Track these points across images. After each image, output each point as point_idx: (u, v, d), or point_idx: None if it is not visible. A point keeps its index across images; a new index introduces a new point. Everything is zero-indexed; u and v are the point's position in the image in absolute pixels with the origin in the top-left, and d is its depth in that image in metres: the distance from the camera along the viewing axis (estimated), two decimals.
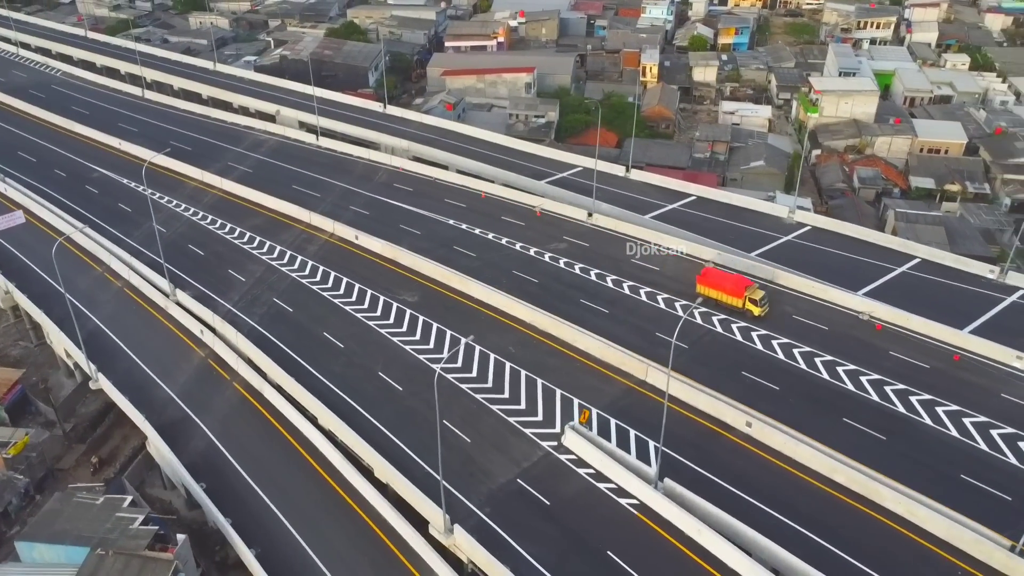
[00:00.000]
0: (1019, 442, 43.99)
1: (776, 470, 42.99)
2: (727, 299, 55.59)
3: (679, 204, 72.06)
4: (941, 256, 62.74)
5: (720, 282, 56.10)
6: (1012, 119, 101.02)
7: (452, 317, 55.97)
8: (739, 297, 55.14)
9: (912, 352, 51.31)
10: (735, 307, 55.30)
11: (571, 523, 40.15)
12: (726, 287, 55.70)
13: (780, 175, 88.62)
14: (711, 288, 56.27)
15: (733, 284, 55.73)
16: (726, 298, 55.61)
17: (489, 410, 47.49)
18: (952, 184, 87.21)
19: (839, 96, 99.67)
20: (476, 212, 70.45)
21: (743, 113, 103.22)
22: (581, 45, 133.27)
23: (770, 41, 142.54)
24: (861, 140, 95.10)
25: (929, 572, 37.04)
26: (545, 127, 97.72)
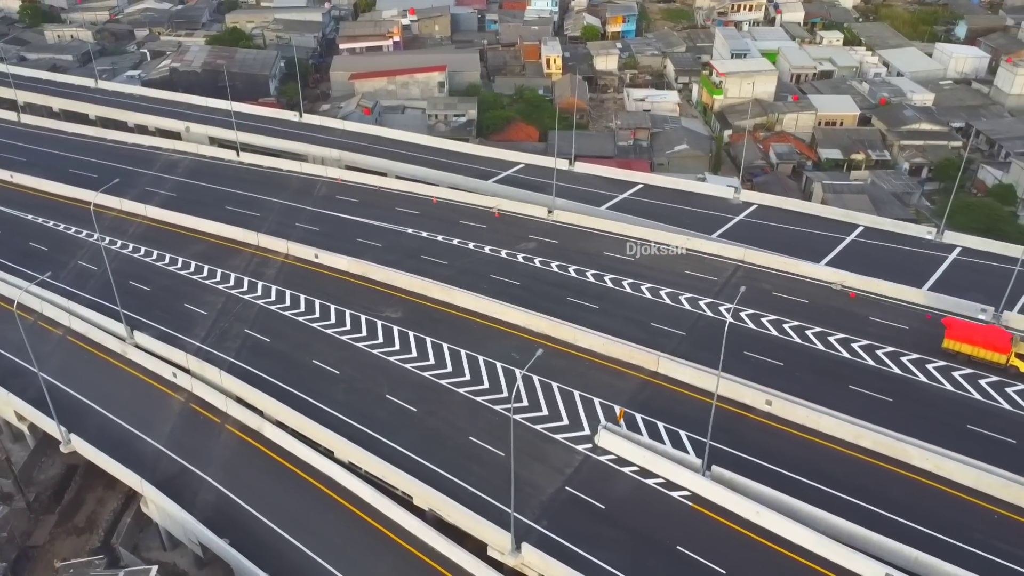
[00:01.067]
0: (1006, 388, 47.79)
1: (805, 443, 44.59)
2: (987, 355, 48.81)
3: (628, 193, 73.13)
4: (882, 222, 67.17)
5: (975, 336, 49.46)
6: (891, 90, 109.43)
7: (444, 329, 54.29)
8: (1005, 352, 48.60)
9: (888, 315, 54.62)
10: (996, 364, 48.52)
11: (632, 523, 40.00)
12: (986, 342, 48.99)
13: (704, 157, 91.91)
14: (964, 343, 49.44)
15: (995, 338, 49.23)
16: (986, 354, 48.83)
17: (515, 421, 46.41)
18: (857, 153, 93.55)
19: (741, 77, 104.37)
20: (432, 218, 68.61)
21: (653, 99, 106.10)
22: (476, 40, 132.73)
23: (651, 28, 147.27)
24: (769, 118, 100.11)
25: (968, 519, 39.51)
26: (466, 126, 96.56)
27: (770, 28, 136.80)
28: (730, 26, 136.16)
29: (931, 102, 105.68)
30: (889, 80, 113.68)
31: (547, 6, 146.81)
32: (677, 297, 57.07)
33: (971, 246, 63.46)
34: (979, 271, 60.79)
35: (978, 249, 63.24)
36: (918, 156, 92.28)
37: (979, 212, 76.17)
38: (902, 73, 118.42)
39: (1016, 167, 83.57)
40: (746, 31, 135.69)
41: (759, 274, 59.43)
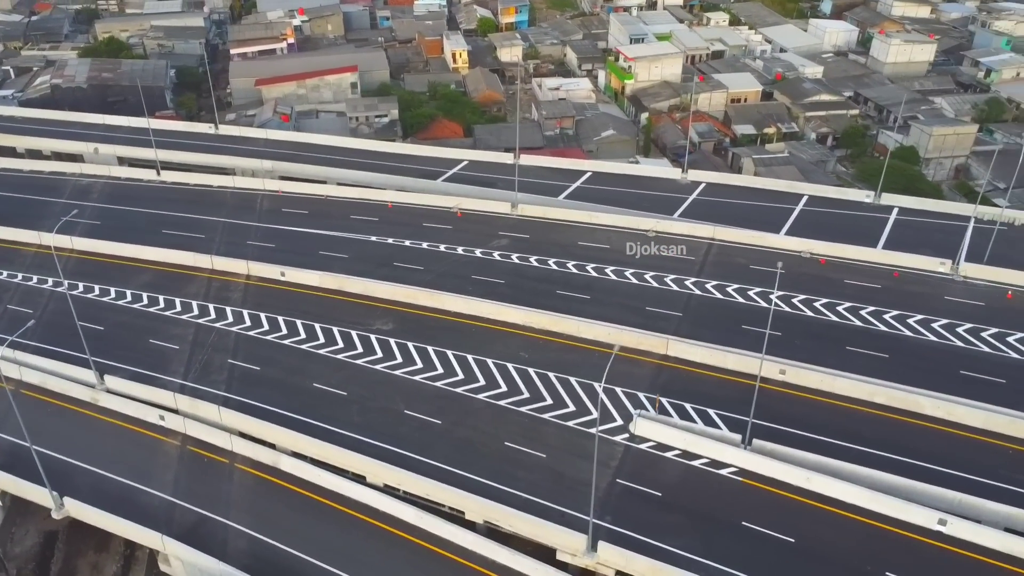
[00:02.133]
0: (982, 333, 51.68)
1: (824, 406, 46.44)
2: None
3: (580, 182, 73.45)
4: (824, 190, 70.99)
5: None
6: (783, 65, 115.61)
7: (442, 336, 52.62)
8: None
9: (860, 277, 57.75)
10: None
11: (691, 507, 40.37)
12: None
13: (632, 140, 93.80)
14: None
15: None
16: None
17: (544, 420, 45.74)
18: (768, 127, 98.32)
19: (649, 61, 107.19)
20: (393, 223, 66.25)
21: (567, 87, 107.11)
22: (372, 39, 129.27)
23: (539, 17, 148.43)
24: (682, 98, 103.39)
25: (989, 458, 42.42)
26: (390, 126, 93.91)
27: (657, 12, 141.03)
28: (620, 11, 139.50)
29: (821, 74, 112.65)
30: (778, 56, 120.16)
31: (435, 0, 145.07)
32: (663, 279, 57.97)
33: (906, 206, 68.20)
34: (919, 228, 65.38)
35: (913, 208, 67.96)
36: (823, 126, 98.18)
37: (895, 174, 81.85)
38: (785, 49, 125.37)
39: (915, 130, 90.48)
40: (634, 16, 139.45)
41: (732, 250, 61.33)
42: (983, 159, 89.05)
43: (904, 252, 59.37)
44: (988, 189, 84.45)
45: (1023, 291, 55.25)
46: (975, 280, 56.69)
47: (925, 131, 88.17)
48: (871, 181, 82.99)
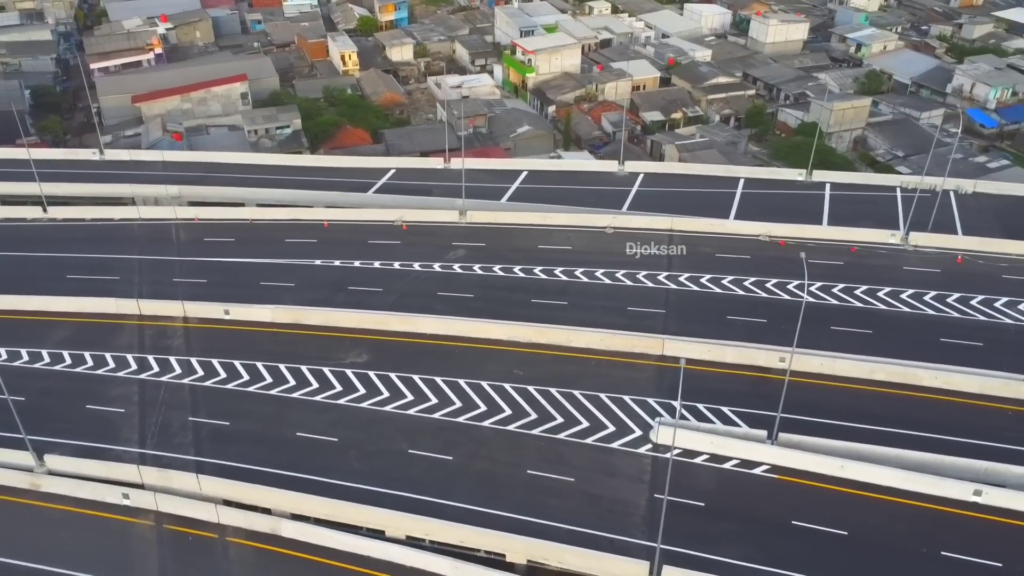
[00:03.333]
0: (947, 299, 53.64)
1: (828, 390, 46.41)
2: None
3: (519, 182, 70.89)
4: (758, 172, 72.17)
5: None
6: (673, 50, 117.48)
7: (425, 363, 48.67)
8: None
9: (821, 255, 58.41)
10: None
11: (738, 513, 39.03)
12: None
13: (548, 135, 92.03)
14: None
15: None
16: None
17: (561, 440, 43.02)
18: (675, 113, 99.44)
19: (549, 53, 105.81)
20: (335, 244, 61.09)
21: (469, 84, 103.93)
22: (247, 44, 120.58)
23: (417, 13, 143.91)
24: (587, 89, 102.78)
25: (993, 422, 43.70)
26: (294, 137, 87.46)
27: (538, 3, 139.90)
28: (502, 4, 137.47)
29: (710, 58, 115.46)
30: (666, 42, 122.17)
31: (305, 0, 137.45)
32: (636, 277, 56.50)
33: (837, 181, 70.45)
34: (853, 201, 67.60)
35: (843, 183, 70.38)
36: (725, 108, 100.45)
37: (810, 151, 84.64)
38: (668, 34, 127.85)
39: (815, 106, 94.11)
40: (516, 7, 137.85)
41: (694, 239, 60.78)
42: (877, 130, 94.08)
43: (851, 227, 61.02)
44: (889, 158, 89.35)
45: (970, 255, 58.04)
46: (925, 248, 58.98)
47: (826, 107, 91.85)
48: (786, 159, 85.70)
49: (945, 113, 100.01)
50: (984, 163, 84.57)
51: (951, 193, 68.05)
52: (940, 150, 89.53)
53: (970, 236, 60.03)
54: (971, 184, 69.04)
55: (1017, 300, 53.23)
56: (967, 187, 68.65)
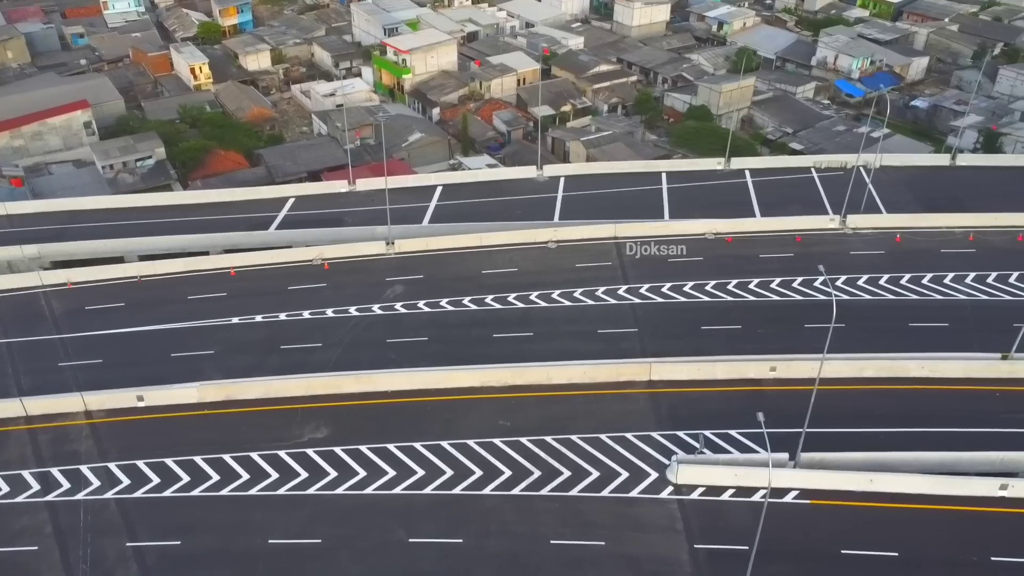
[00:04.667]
0: (900, 281, 53.77)
1: (822, 395, 44.00)
2: None
3: (436, 200, 65.18)
4: (678, 164, 70.43)
5: None
6: (545, 40, 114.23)
7: (397, 427, 42.55)
8: None
9: (771, 248, 57.42)
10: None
11: (785, 550, 36.12)
12: None
13: (443, 141, 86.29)
14: None
15: None
16: None
17: (576, 498, 38.54)
18: (564, 106, 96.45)
19: (425, 51, 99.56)
20: (251, 294, 53.14)
21: (344, 91, 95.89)
22: (72, 62, 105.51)
23: (259, 15, 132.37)
24: (472, 87, 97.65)
25: (985, 404, 43.55)
26: (159, 169, 76.66)
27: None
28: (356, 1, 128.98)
29: (582, 45, 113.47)
30: (536, 32, 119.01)
31: (130, 7, 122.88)
32: (595, 294, 52.81)
33: (754, 167, 69.99)
34: (775, 186, 67.32)
35: (760, 168, 70.00)
36: (613, 97, 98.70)
37: (711, 135, 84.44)
38: (533, 23, 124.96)
39: (703, 89, 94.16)
40: (371, 2, 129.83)
41: (640, 246, 57.85)
42: (762, 108, 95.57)
43: (785, 216, 60.39)
44: (779, 136, 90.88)
45: (907, 232, 58.83)
46: (864, 230, 59.25)
47: (714, 89, 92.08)
48: (688, 146, 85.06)
49: (816, 86, 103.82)
50: (869, 133, 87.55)
51: (861, 169, 69.41)
52: (823, 123, 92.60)
53: (898, 213, 60.98)
54: (875, 159, 70.60)
55: (962, 274, 54.29)
56: (872, 162, 70.16)
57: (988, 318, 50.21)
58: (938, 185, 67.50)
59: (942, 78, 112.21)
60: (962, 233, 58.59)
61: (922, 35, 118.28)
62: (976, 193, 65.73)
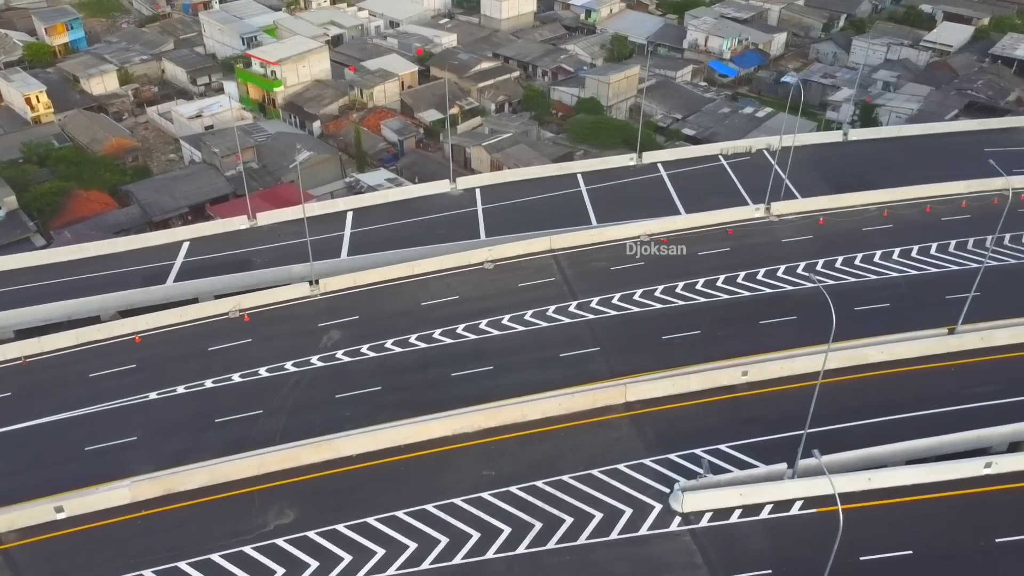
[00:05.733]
0: (835, 264, 54.46)
1: (793, 394, 43.62)
2: None
3: (350, 228, 60.33)
4: (592, 164, 68.74)
5: None
6: (418, 39, 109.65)
7: (372, 496, 38.31)
8: None
9: (707, 244, 56.80)
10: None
11: (805, 566, 35.06)
12: None
13: (333, 158, 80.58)
14: None
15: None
16: None
17: (587, 547, 35.93)
18: (452, 108, 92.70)
19: (296, 61, 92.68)
20: (164, 362, 46.65)
21: (211, 111, 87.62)
22: None
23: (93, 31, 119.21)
24: (352, 95, 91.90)
25: (946, 382, 44.58)
26: (12, 219, 66.70)
27: (244, 3, 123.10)
28: (201, 8, 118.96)
29: (456, 42, 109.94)
30: (405, 31, 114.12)
31: None
32: (546, 314, 50.19)
33: (665, 159, 69.59)
34: (690, 178, 67.25)
35: (672, 160, 69.66)
36: (499, 95, 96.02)
37: (609, 129, 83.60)
38: (397, 21, 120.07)
39: (591, 81, 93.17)
40: (218, 9, 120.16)
41: (580, 255, 55.78)
42: (649, 95, 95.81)
43: (709, 210, 60.14)
44: (670, 122, 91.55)
45: (827, 214, 60.03)
46: (788, 216, 59.97)
47: (602, 80, 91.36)
48: (588, 141, 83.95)
49: (693, 69, 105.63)
50: (754, 113, 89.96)
51: (764, 152, 70.75)
52: (709, 107, 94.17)
53: (813, 196, 62.08)
54: (776, 140, 71.99)
55: (888, 251, 55.94)
56: (774, 144, 71.53)
57: (922, 293, 51.90)
58: (838, 163, 69.69)
59: (800, 52, 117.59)
60: (876, 210, 60.63)
61: (775, 11, 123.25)
62: (874, 167, 68.43)
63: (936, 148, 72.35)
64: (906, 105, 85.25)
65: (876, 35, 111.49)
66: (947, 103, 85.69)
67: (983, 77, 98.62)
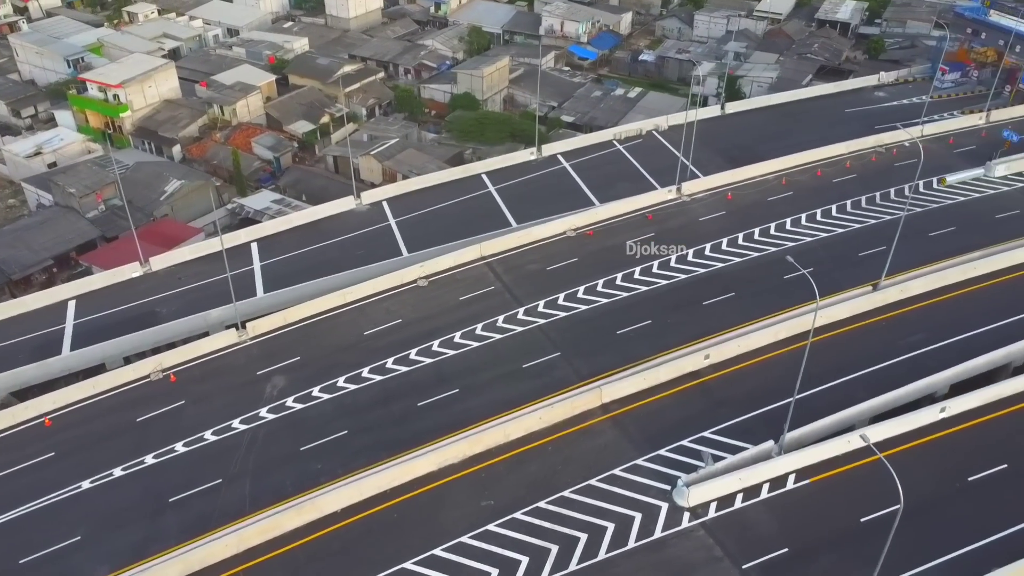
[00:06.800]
0: (754, 237, 56.32)
1: (757, 369, 45.46)
2: None
3: (260, 261, 55.74)
4: (493, 163, 67.35)
5: None
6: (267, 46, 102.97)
7: (374, 551, 35.40)
8: None
9: (631, 232, 56.99)
10: None
11: (817, 538, 36.12)
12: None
13: (206, 185, 73.96)
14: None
15: None
16: None
17: (610, 561, 35.02)
18: (323, 117, 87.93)
19: (141, 82, 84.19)
20: (88, 446, 40.89)
21: (53, 146, 77.93)
22: None
23: None
24: (211, 113, 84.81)
25: (878, 339, 46.97)
26: None
27: (56, 20, 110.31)
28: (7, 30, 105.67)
29: (308, 46, 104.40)
30: (251, 38, 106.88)
31: None
32: (496, 325, 48.61)
33: (564, 150, 69.47)
34: (593, 166, 67.60)
35: (570, 150, 69.66)
36: (370, 98, 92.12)
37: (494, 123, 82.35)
38: (236, 28, 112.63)
39: (463, 76, 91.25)
40: (26, 30, 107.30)
41: (513, 259, 54.40)
42: (520, 85, 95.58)
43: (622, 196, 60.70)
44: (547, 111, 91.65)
45: (733, 188, 62.13)
46: (698, 194, 61.52)
47: (475, 75, 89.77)
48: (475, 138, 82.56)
49: (555, 55, 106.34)
50: (626, 95, 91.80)
51: (654, 133, 72.38)
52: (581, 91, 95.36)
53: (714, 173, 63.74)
54: (664, 120, 73.88)
55: (796, 217, 58.49)
56: (662, 124, 73.38)
57: (837, 255, 54.77)
58: (722, 136, 72.22)
59: (646, 29, 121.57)
60: (775, 179, 63.54)
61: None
62: (756, 137, 71.67)
63: (804, 113, 77.01)
64: (765, 74, 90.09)
65: (712, 8, 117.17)
66: (801, 69, 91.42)
67: (816, 41, 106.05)
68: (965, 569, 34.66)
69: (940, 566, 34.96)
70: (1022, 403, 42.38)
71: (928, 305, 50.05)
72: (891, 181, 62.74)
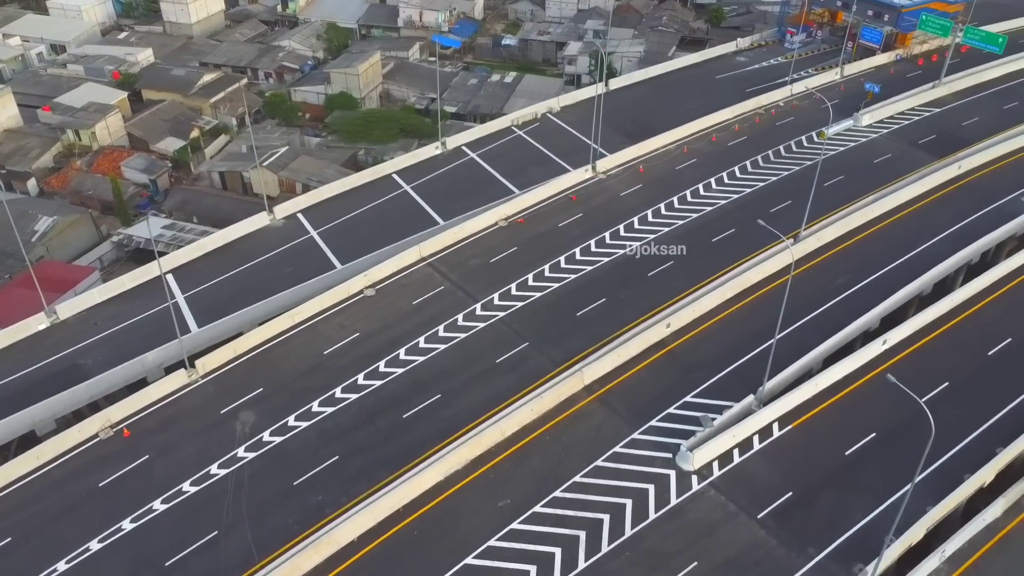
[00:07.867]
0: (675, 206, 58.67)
1: (716, 328, 47.70)
2: None
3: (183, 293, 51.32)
4: (403, 161, 65.61)
5: None
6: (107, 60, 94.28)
7: (406, 572, 34.25)
8: None
9: (559, 216, 57.55)
10: None
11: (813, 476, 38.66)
12: None
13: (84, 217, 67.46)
14: None
15: None
16: None
17: (637, 537, 35.86)
18: (192, 132, 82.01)
19: None
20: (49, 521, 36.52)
21: None
22: None
23: None
24: (66, 141, 76.78)
25: (809, 287, 50.12)
26: None
27: None
28: None
29: (153, 57, 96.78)
30: (83, 54, 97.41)
31: None
32: (457, 325, 47.82)
33: (467, 140, 68.93)
34: (500, 153, 67.60)
35: (472, 140, 69.19)
36: (239, 107, 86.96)
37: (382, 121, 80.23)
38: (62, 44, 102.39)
39: (336, 75, 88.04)
40: None
41: (454, 256, 53.55)
42: (394, 80, 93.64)
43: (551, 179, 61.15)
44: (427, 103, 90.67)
45: (641, 162, 64.25)
46: (612, 171, 63.16)
47: (350, 73, 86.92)
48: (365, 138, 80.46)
49: (420, 46, 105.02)
50: (503, 80, 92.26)
51: (548, 115, 73.40)
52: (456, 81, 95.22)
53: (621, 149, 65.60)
54: (555, 102, 74.97)
55: (706, 182, 61.47)
56: (555, 106, 74.49)
57: (753, 212, 58.07)
58: (613, 112, 74.01)
59: (499, 14, 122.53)
60: (676, 148, 66.41)
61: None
62: (643, 110, 74.19)
63: (680, 83, 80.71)
64: (632, 49, 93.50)
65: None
66: (665, 41, 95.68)
67: (664, 14, 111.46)
68: (947, 476, 38.38)
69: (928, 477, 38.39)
70: (951, 322, 47.39)
71: (843, 249, 54.50)
72: (777, 140, 67.42)
